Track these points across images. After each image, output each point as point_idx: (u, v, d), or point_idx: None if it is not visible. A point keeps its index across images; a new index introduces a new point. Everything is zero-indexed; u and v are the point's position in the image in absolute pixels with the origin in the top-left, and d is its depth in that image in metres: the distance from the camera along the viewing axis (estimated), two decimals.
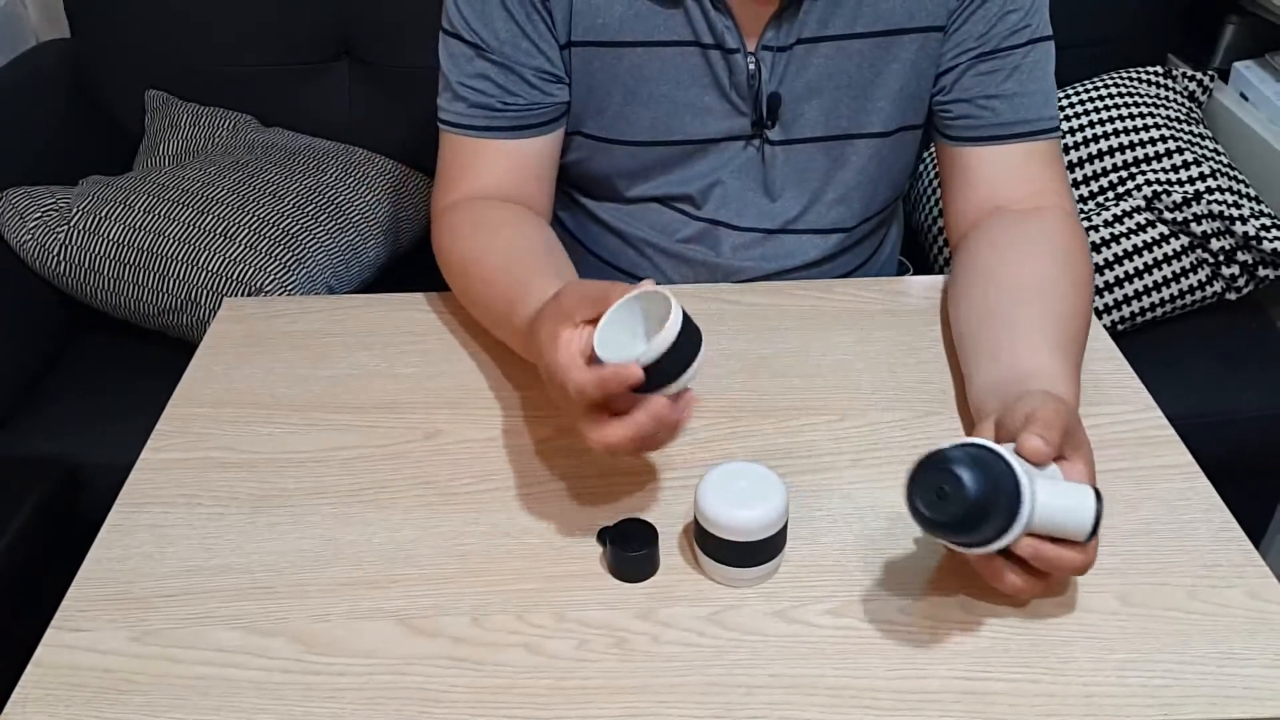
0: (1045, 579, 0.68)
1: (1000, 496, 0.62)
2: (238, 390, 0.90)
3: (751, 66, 0.95)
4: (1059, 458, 0.69)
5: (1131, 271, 1.39)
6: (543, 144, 0.99)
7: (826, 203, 1.04)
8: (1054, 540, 0.65)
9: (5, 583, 1.16)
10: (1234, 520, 0.76)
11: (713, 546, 0.70)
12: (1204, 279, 1.41)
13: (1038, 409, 0.69)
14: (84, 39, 1.64)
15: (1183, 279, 1.41)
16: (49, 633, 0.70)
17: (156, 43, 1.61)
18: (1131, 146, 1.47)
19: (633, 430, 0.67)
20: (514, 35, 0.94)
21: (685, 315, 0.67)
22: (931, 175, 1.58)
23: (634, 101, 0.98)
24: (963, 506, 0.61)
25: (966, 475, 0.61)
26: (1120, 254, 1.40)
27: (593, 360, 0.68)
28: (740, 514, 0.69)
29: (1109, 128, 1.50)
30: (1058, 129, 0.98)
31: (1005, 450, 0.64)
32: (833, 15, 0.94)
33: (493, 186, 0.97)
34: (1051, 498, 0.64)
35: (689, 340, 0.67)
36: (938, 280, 1.01)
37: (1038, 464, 0.66)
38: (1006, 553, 0.65)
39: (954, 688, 0.65)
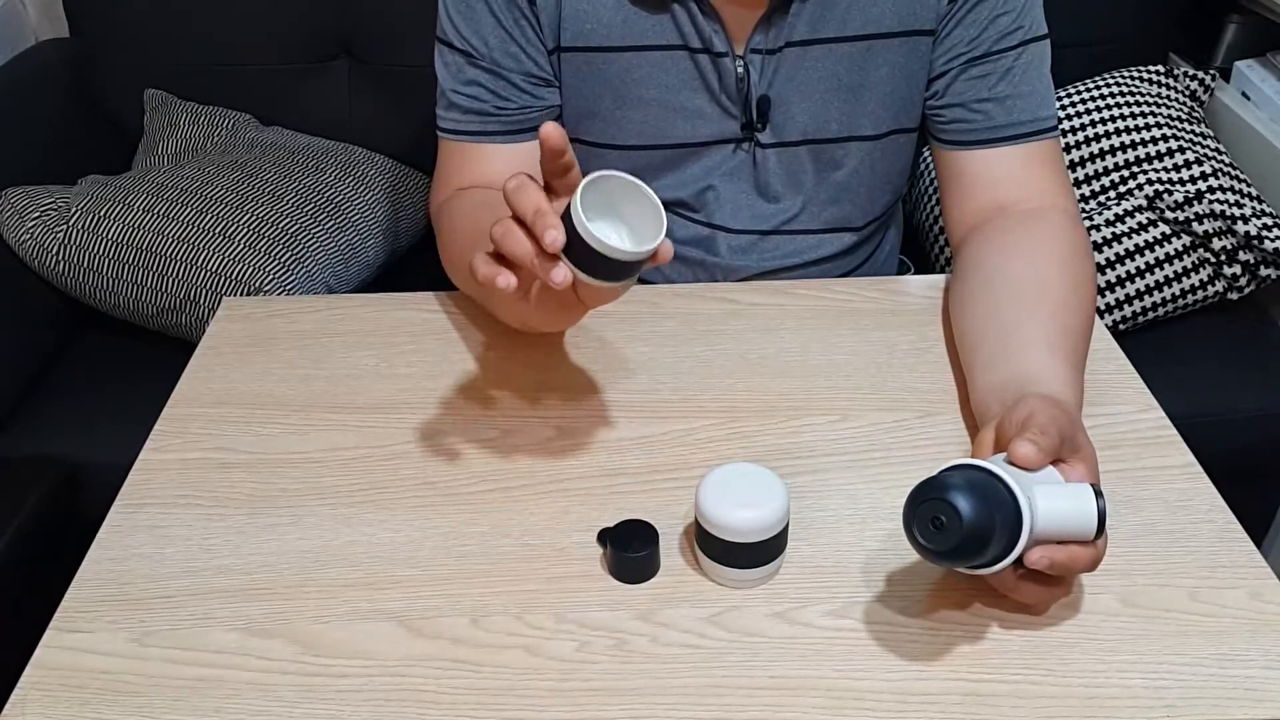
0: (1062, 582, 0.68)
1: (998, 517, 0.61)
2: (237, 390, 0.90)
3: (740, 70, 0.95)
4: (1059, 461, 0.68)
5: (1133, 271, 1.39)
6: (536, 146, 0.98)
7: (821, 203, 1.04)
8: (1063, 543, 0.65)
9: (5, 583, 1.15)
10: (1236, 521, 0.76)
11: (713, 548, 0.70)
12: (1206, 279, 1.41)
13: (1033, 414, 0.69)
14: (84, 39, 1.64)
15: (1184, 279, 1.40)
16: (48, 633, 0.70)
17: (156, 43, 1.61)
18: (1133, 146, 1.47)
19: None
20: (503, 41, 0.94)
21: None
22: (932, 174, 1.58)
23: (624, 106, 0.98)
24: (960, 534, 0.61)
25: (961, 501, 0.61)
26: (1122, 254, 1.39)
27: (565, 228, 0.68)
28: (741, 515, 0.69)
29: (1110, 127, 1.50)
30: (1056, 129, 0.98)
31: (999, 466, 0.64)
32: (822, 19, 0.94)
33: (488, 185, 0.97)
34: (1052, 503, 0.64)
35: (640, 263, 0.69)
36: (938, 280, 1.01)
37: (1031, 469, 0.66)
38: (1020, 564, 0.65)
39: (955, 689, 0.65)
